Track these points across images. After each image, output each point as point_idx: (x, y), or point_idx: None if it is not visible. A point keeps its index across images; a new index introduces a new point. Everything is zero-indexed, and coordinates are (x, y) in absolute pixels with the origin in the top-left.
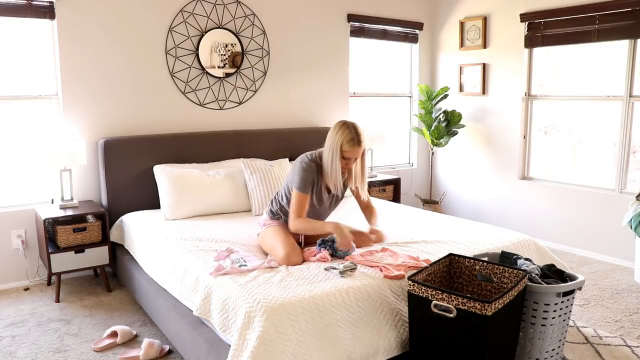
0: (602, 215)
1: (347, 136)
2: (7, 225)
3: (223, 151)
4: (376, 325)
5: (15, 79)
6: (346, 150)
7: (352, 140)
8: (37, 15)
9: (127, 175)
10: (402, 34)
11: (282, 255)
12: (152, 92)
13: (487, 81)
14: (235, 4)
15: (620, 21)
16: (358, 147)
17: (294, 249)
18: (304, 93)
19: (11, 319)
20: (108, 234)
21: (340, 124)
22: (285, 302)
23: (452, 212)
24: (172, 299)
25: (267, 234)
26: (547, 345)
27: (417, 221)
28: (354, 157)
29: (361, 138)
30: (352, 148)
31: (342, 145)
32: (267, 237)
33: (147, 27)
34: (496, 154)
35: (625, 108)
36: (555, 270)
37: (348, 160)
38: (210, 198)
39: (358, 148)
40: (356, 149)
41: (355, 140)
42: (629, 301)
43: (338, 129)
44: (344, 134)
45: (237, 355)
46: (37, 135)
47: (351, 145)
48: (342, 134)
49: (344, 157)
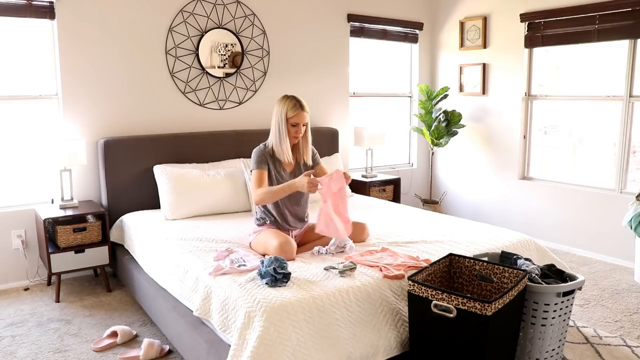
0: (602, 215)
1: (290, 103)
2: (7, 225)
3: (223, 151)
4: (376, 325)
5: (15, 79)
6: (291, 117)
7: (294, 106)
8: (37, 15)
9: (127, 175)
10: (402, 34)
11: (276, 245)
12: (152, 92)
13: (487, 81)
14: (235, 4)
15: (620, 21)
16: (302, 110)
17: (287, 240)
18: (304, 93)
19: (11, 319)
20: (108, 234)
21: (280, 98)
22: (285, 302)
23: (452, 212)
24: (172, 299)
25: (259, 237)
26: (547, 345)
27: (417, 221)
28: (301, 122)
29: (303, 103)
30: (296, 112)
31: (287, 113)
32: (259, 239)
33: (147, 27)
34: (496, 154)
35: (625, 108)
36: (555, 270)
37: (297, 128)
38: (210, 198)
39: (302, 112)
40: (300, 112)
41: (298, 105)
42: (629, 301)
43: (279, 101)
44: (286, 103)
45: (237, 355)
46: (37, 135)
47: (295, 110)
48: (284, 103)
49: (292, 124)
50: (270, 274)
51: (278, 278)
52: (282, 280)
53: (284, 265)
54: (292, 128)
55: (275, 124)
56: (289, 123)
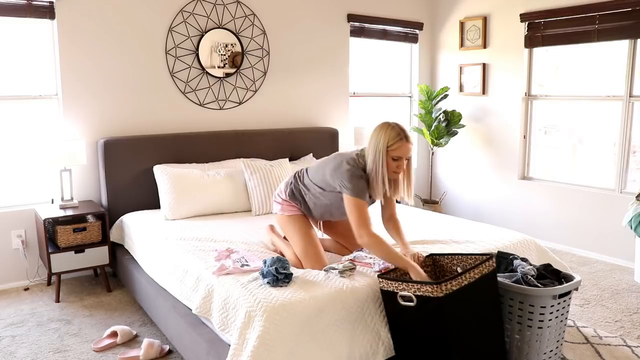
0: (602, 215)
1: (392, 133)
2: (7, 225)
3: (223, 151)
4: (375, 325)
5: (15, 79)
6: (394, 149)
7: (398, 135)
8: (37, 15)
9: (127, 175)
10: (402, 34)
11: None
12: (152, 92)
13: (487, 81)
14: (235, 4)
15: (620, 21)
16: (407, 142)
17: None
18: (304, 93)
19: (11, 319)
20: (108, 234)
21: (381, 125)
22: (286, 302)
23: (452, 212)
24: (172, 299)
25: (289, 224)
26: (545, 347)
27: (417, 221)
28: (404, 155)
29: (407, 134)
30: (400, 144)
31: (389, 143)
32: (289, 227)
33: (147, 27)
34: (496, 154)
35: (625, 108)
36: (551, 270)
37: (399, 162)
38: (210, 198)
39: (407, 144)
40: (405, 144)
41: (402, 135)
42: (629, 301)
43: (379, 129)
44: (388, 132)
45: (237, 354)
46: (37, 135)
47: (398, 140)
48: (385, 132)
49: (393, 158)
50: (272, 274)
51: (280, 278)
52: (283, 281)
53: (286, 266)
54: (393, 162)
55: (374, 151)
56: (390, 156)
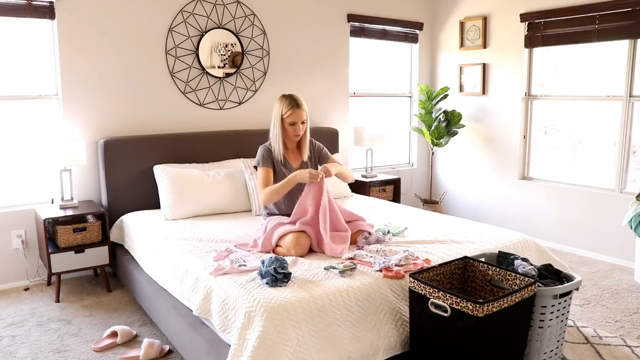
0: (602, 215)
1: (285, 102)
2: (7, 225)
3: (223, 151)
4: (376, 324)
5: (15, 79)
6: (288, 116)
7: (289, 104)
8: (37, 15)
9: (127, 175)
10: (402, 34)
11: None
12: (152, 92)
13: (487, 81)
14: (235, 4)
15: (620, 21)
16: (298, 108)
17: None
18: (304, 93)
19: (11, 319)
20: (108, 234)
21: (277, 99)
22: (285, 302)
23: (452, 212)
24: (172, 299)
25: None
26: (545, 346)
27: (417, 221)
28: (298, 120)
29: (299, 102)
30: (292, 111)
31: (283, 112)
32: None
33: (147, 27)
34: (496, 154)
35: (625, 108)
36: (552, 270)
37: (295, 126)
38: (210, 198)
39: (298, 110)
40: (296, 110)
41: (293, 104)
42: (629, 301)
43: (276, 103)
44: (281, 103)
45: (237, 355)
46: (37, 135)
47: (290, 108)
48: (279, 104)
49: (290, 124)
50: (270, 274)
51: (278, 278)
52: (282, 280)
53: (285, 265)
54: (291, 127)
55: (273, 122)
56: (285, 122)
